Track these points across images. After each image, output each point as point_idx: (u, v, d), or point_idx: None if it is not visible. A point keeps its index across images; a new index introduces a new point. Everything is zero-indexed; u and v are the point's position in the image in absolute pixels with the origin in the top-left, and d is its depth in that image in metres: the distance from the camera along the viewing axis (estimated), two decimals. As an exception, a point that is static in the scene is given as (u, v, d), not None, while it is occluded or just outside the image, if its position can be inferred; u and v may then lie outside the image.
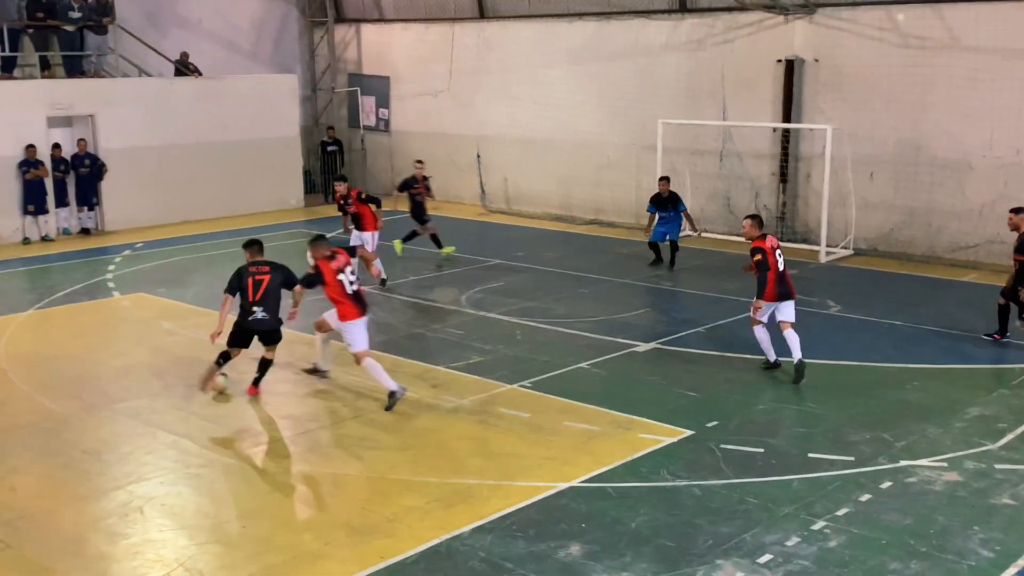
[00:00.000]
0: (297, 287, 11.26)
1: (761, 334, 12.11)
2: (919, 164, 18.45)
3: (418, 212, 18.79)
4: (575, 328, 14.17)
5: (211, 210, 23.34)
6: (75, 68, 22.53)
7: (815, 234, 19.17)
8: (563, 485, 8.93)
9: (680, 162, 20.82)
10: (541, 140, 23.75)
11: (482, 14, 24.94)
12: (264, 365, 11.50)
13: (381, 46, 27.48)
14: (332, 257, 11.21)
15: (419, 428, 10.44)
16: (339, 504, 8.74)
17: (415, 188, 18.79)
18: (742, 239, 13.42)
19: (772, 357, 12.14)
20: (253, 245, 11.56)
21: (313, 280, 11.21)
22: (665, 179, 18.15)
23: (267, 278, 11.22)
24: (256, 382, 11.49)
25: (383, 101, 27.66)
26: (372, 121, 27.97)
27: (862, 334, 13.80)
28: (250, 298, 11.15)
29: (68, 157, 21.43)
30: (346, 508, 8.63)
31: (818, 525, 8.10)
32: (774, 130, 20.15)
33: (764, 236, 12.11)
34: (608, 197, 22.90)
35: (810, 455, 9.54)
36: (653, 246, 18.13)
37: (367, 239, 16.70)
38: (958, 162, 18.13)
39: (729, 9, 20.21)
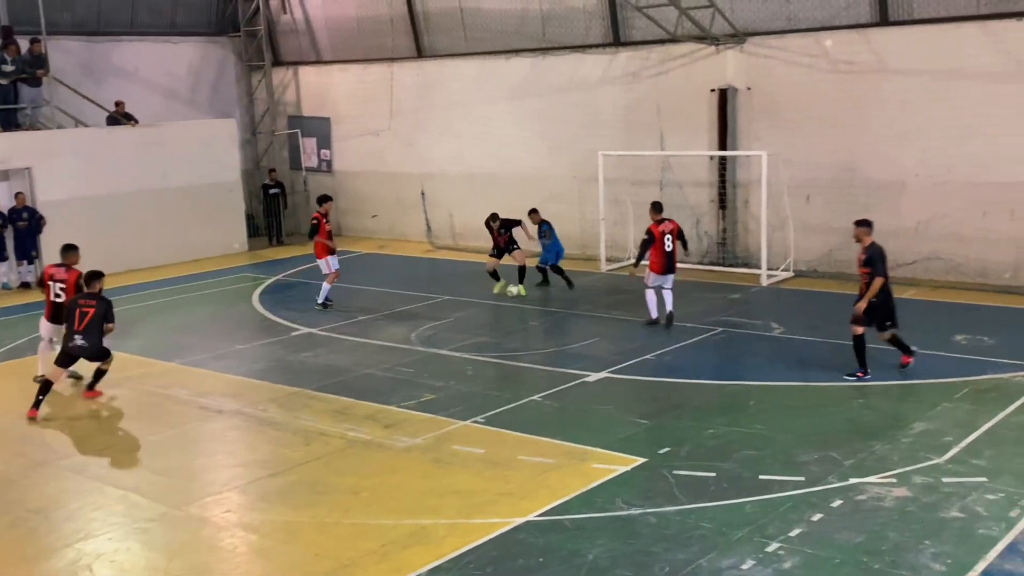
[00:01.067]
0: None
1: (649, 296, 15.66)
2: (854, 186, 18.86)
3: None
4: (526, 361, 14.21)
5: (154, 258, 23.11)
6: (9, 121, 22.22)
7: (756, 258, 19.48)
8: (520, 520, 8.92)
9: (622, 192, 21.08)
10: (485, 175, 23.89)
11: (420, 53, 25.10)
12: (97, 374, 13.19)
13: (320, 87, 27.52)
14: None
15: (373, 470, 10.38)
16: (293, 552, 8.64)
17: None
18: (688, 266, 13.69)
19: (654, 315, 15.68)
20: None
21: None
22: (534, 211, 19.14)
23: (91, 311, 12.68)
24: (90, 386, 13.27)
25: (324, 142, 27.65)
26: (314, 162, 27.94)
27: (806, 355, 14.01)
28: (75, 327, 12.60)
29: (5, 211, 21.11)
30: (300, 556, 8.54)
31: (772, 547, 8.18)
32: (711, 158, 20.49)
33: (662, 221, 15.50)
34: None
35: (761, 477, 9.65)
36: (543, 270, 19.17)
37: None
38: (892, 183, 18.56)
39: (662, 41, 20.57)
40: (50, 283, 13.49)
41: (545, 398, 12.46)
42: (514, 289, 18.47)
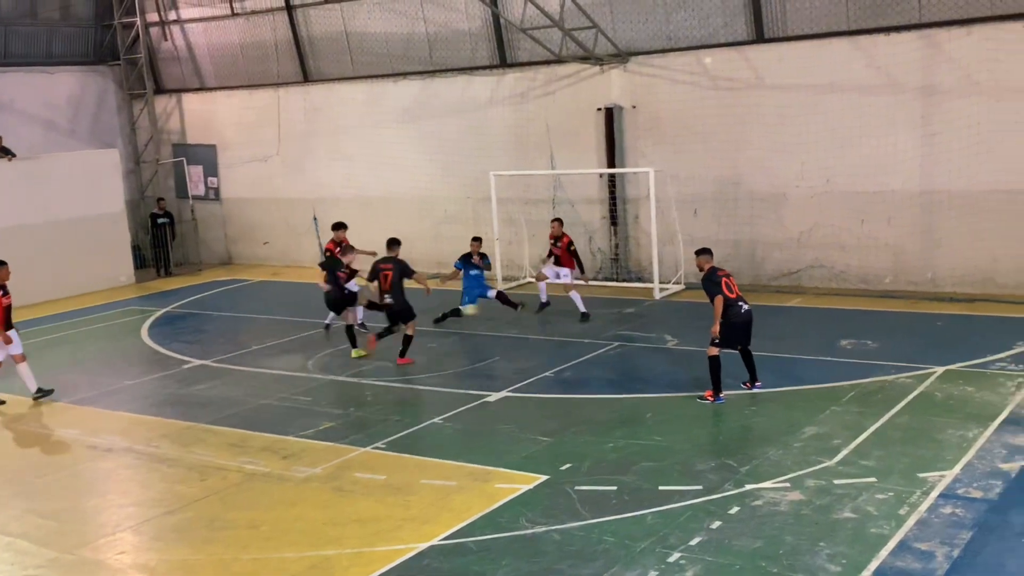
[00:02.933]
0: None
1: (542, 285, 18.00)
2: (739, 199, 19.38)
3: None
4: (426, 384, 14.17)
5: (36, 294, 22.23)
6: None
7: (647, 272, 19.83)
8: (424, 545, 8.87)
9: (515, 212, 21.24)
10: (378, 198, 23.78)
11: (307, 78, 24.90)
12: None
13: (205, 114, 27.03)
14: None
15: (272, 502, 10.19)
16: (193, 590, 8.43)
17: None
18: (578, 282, 13.87)
19: (544, 299, 18.03)
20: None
21: None
22: (477, 239, 18.29)
23: None
24: None
25: (211, 170, 27.15)
26: (201, 191, 27.40)
27: (699, 366, 14.23)
28: None
29: None
30: (201, 594, 8.34)
31: (674, 557, 8.31)
32: (601, 176, 20.81)
33: (562, 236, 17.80)
34: (449, 250, 22.99)
35: (661, 488, 9.80)
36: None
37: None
38: (774, 195, 19.13)
39: (548, 62, 20.84)
40: None
41: (446, 420, 12.43)
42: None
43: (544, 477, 10.26)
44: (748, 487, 9.68)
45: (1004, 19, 16.72)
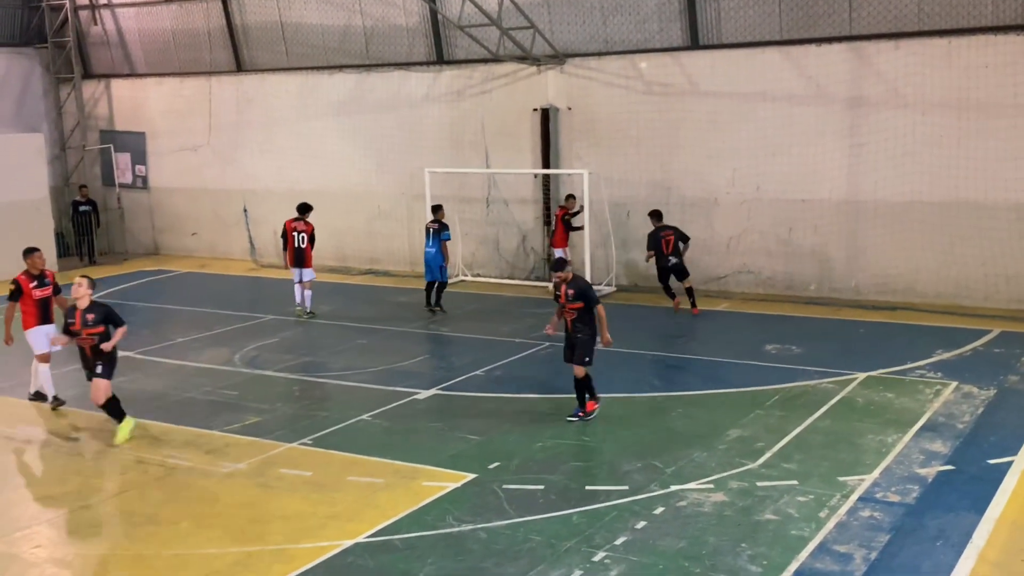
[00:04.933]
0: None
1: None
2: (670, 203, 19.55)
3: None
4: (354, 380, 14.06)
5: (-49, 281, 21.62)
6: None
7: (580, 273, 19.88)
8: (349, 542, 8.81)
9: (449, 209, 21.12)
10: (310, 192, 23.42)
11: (240, 67, 24.54)
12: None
13: (134, 101, 26.49)
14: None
15: (194, 497, 10.02)
16: (111, 586, 8.25)
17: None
18: (512, 281, 13.78)
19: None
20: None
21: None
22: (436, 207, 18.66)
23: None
24: None
25: (139, 157, 26.61)
26: (128, 179, 26.84)
27: (629, 367, 14.42)
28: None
29: None
30: (119, 590, 8.17)
31: (599, 556, 8.37)
32: (535, 176, 20.87)
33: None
34: (382, 247, 22.98)
35: (588, 488, 9.86)
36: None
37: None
38: (705, 200, 19.37)
39: (485, 61, 20.83)
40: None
41: (374, 417, 12.36)
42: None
43: (472, 475, 10.26)
44: (673, 488, 9.79)
45: (931, 35, 17.15)
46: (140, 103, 26.38)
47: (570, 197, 19.80)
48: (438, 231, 18.17)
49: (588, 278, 19.27)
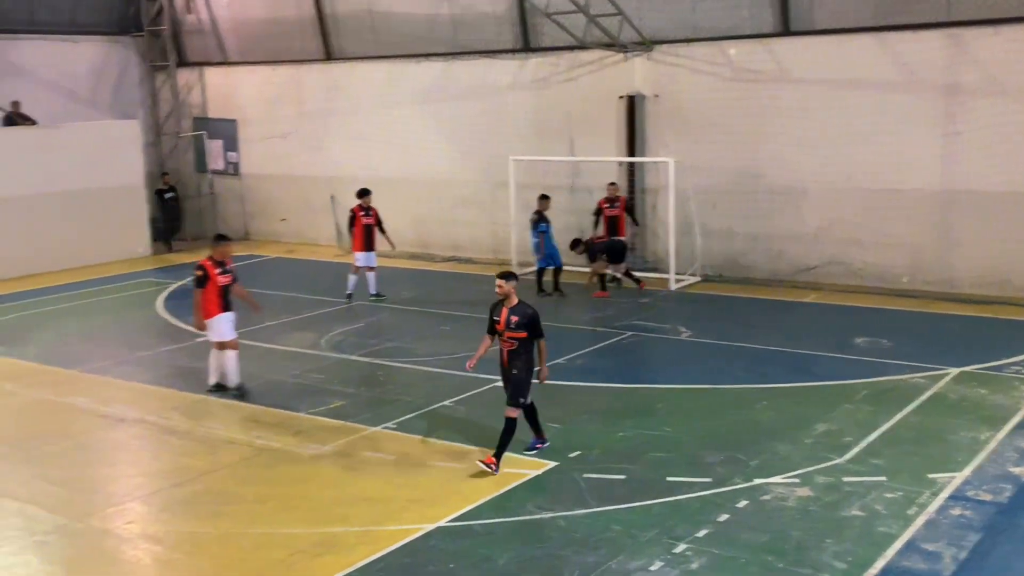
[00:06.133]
0: None
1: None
2: (758, 192, 19.28)
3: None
4: (437, 366, 14.17)
5: (53, 263, 22.40)
6: (-102, 120, 21.37)
7: (664, 263, 19.76)
8: (430, 526, 8.89)
9: (532, 198, 21.14)
10: (395, 179, 23.76)
11: (329, 56, 24.86)
12: None
13: (227, 89, 27.04)
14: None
15: (281, 478, 10.23)
16: (198, 564, 8.47)
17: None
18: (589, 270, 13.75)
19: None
20: None
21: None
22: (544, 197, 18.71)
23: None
24: None
25: (231, 144, 27.17)
26: (220, 165, 27.43)
27: (713, 358, 14.26)
28: None
29: None
30: (205, 567, 8.38)
31: (680, 548, 8.31)
32: (620, 164, 20.74)
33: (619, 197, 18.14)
34: (464, 234, 23.09)
35: (669, 479, 9.78)
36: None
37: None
38: (794, 189, 19.03)
39: (571, 48, 20.74)
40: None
41: (456, 403, 12.44)
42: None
43: (552, 464, 10.27)
44: (757, 481, 9.66)
45: (1033, 20, 16.56)
46: (232, 91, 26.92)
47: (611, 184, 19.54)
48: (535, 223, 18.34)
49: (672, 268, 19.22)
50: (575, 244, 18.63)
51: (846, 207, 18.62)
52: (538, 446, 10.62)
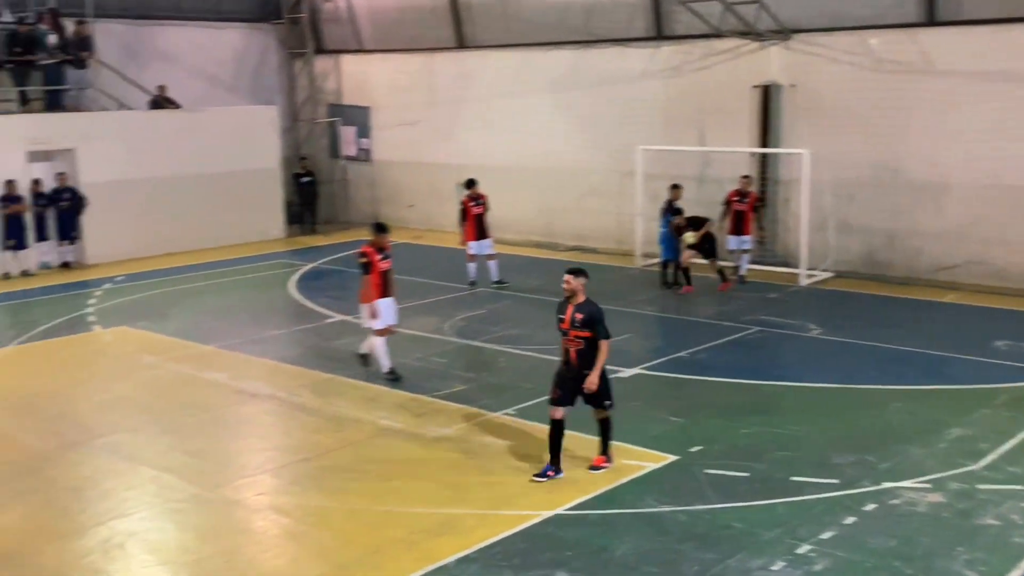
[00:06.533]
0: None
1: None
2: (897, 186, 18.62)
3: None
4: (559, 355, 14.12)
5: (192, 242, 23.29)
6: (55, 103, 22.47)
7: (795, 257, 19.28)
8: (548, 513, 8.90)
9: (661, 188, 20.90)
10: (522, 168, 23.84)
11: (461, 44, 25.08)
12: None
13: (361, 76, 27.58)
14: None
15: (403, 458, 10.40)
16: (323, 537, 8.68)
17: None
18: (722, 263, 13.46)
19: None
20: None
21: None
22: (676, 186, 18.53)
23: None
24: None
25: (364, 131, 27.71)
26: (353, 151, 28.02)
27: (843, 356, 13.86)
28: None
29: (48, 191, 21.35)
30: (330, 541, 8.58)
31: (803, 549, 8.10)
32: (752, 155, 20.31)
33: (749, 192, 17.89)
34: (591, 224, 23.00)
35: (794, 478, 9.55)
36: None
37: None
38: (935, 184, 18.30)
39: (706, 36, 20.39)
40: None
41: (577, 392, 12.39)
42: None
43: (673, 457, 10.15)
44: (886, 485, 9.34)
45: None
46: (366, 78, 27.44)
47: (745, 177, 19.01)
48: (665, 212, 18.23)
49: (803, 263, 18.73)
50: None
51: (992, 204, 17.79)
52: (549, 474, 9.63)
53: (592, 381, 9.54)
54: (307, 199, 26.75)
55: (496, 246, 19.13)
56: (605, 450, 9.91)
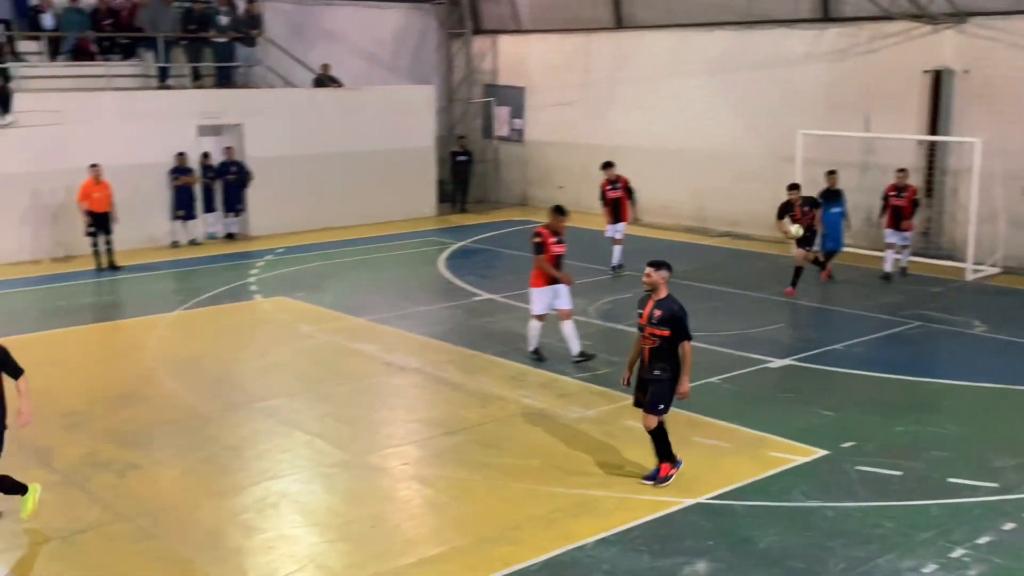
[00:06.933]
0: None
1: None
2: (1078, 179, 17.52)
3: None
4: (706, 342, 13.90)
5: (348, 218, 23.92)
6: (225, 79, 23.43)
7: (961, 251, 18.39)
8: (690, 501, 8.79)
9: (819, 174, 20.28)
10: (675, 150, 23.52)
11: (619, 24, 24.88)
12: None
13: (517, 56, 27.70)
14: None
15: (545, 438, 10.44)
16: (464, 510, 8.82)
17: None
18: (882, 253, 12.99)
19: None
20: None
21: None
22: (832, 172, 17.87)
23: None
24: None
25: (517, 111, 27.86)
26: (506, 131, 28.21)
27: (1009, 356, 13.16)
28: None
29: (216, 164, 22.30)
30: (471, 514, 8.71)
31: (957, 553, 7.75)
32: (920, 143, 19.44)
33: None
34: (744, 209, 22.51)
35: (950, 480, 9.14)
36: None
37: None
38: (1121, 177, 17.13)
39: (875, 18, 19.61)
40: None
41: (723, 381, 12.20)
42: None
43: (823, 452, 9.86)
44: (1053, 493, 8.84)
45: None
46: (522, 59, 27.55)
47: (901, 171, 17.81)
48: (821, 199, 17.61)
49: (969, 257, 17.83)
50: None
51: None
52: (659, 475, 9.09)
53: (684, 386, 8.95)
54: (461, 178, 27.08)
55: (646, 230, 18.93)
56: (668, 456, 9.14)
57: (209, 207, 22.32)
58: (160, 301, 16.67)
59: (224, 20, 23.24)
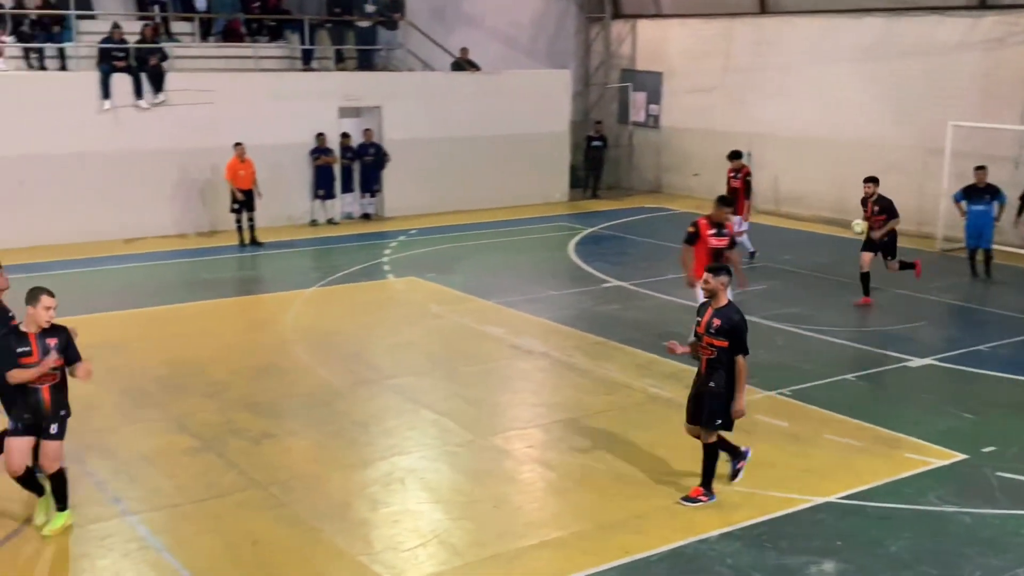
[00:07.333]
0: None
1: None
2: None
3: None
4: (841, 337, 13.55)
5: (480, 201, 24.11)
6: (366, 62, 23.91)
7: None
8: (819, 500, 8.57)
9: (968, 168, 19.42)
10: (816, 140, 22.86)
11: (763, 9, 24.30)
12: None
13: (656, 42, 27.36)
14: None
15: (671, 428, 10.29)
16: (586, 495, 8.81)
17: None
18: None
19: None
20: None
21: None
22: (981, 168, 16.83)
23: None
24: None
25: (654, 97, 27.54)
26: (642, 117, 27.93)
27: None
28: None
29: (355, 146, 22.78)
30: (593, 500, 8.70)
31: (1107, 571, 7.35)
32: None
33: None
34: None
35: (1103, 494, 8.66)
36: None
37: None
38: None
39: (1036, 5, 18.65)
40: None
41: (859, 378, 11.84)
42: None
43: (962, 456, 9.47)
44: None
45: None
46: (661, 44, 27.20)
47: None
48: (966, 193, 16.88)
49: None
50: None
51: None
52: (740, 467, 8.87)
53: (740, 404, 8.41)
54: (594, 163, 26.96)
55: (781, 220, 18.48)
56: (706, 481, 8.56)
57: (347, 187, 22.81)
58: (298, 277, 17.16)
59: (369, 5, 23.69)
